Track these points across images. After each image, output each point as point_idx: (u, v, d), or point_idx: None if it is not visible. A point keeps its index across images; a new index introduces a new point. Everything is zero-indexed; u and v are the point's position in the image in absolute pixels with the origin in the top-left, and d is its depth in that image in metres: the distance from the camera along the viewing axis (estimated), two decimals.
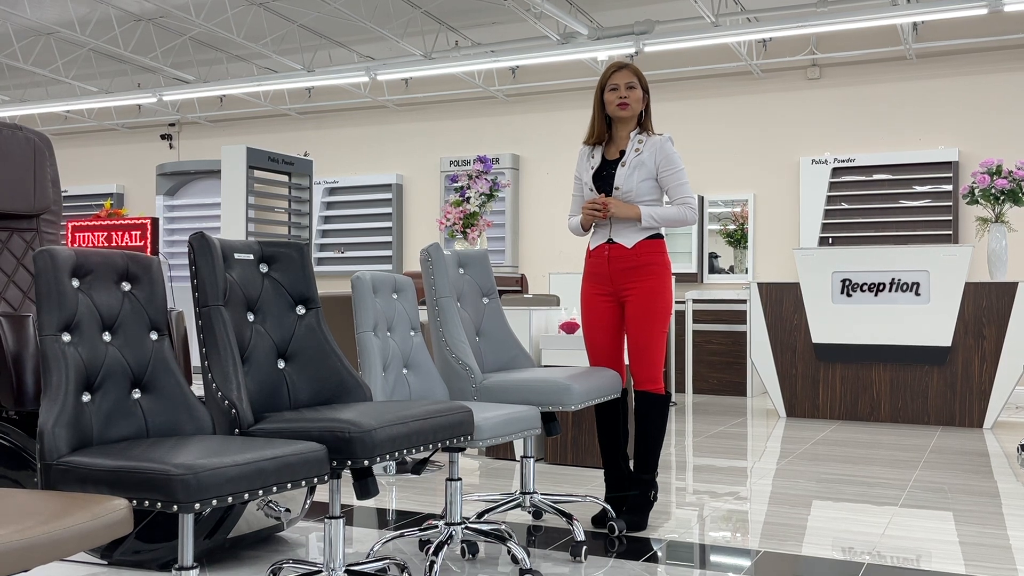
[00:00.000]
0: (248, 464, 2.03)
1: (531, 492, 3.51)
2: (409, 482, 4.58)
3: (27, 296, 3.48)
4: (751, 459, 5.24)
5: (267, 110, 11.96)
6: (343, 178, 11.58)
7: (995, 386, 6.48)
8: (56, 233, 3.67)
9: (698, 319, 8.86)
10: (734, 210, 9.85)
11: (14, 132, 3.51)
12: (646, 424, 3.61)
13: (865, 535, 3.56)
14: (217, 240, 2.66)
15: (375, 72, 9.66)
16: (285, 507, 3.34)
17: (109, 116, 12.78)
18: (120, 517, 1.75)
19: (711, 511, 3.95)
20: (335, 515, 2.56)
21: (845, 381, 6.90)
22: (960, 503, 4.13)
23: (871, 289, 6.79)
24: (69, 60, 11.00)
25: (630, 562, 3.19)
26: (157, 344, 2.44)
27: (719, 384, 8.76)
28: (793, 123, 9.63)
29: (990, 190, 6.66)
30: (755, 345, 7.17)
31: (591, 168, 3.71)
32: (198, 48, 10.62)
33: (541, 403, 3.31)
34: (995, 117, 8.91)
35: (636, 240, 3.62)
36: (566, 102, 10.65)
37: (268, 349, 2.73)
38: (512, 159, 10.71)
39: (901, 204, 9.10)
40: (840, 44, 9.32)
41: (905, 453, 5.44)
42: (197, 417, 2.43)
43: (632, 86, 3.64)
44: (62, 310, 2.25)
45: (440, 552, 2.87)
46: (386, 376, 3.12)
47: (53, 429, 2.12)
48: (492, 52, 9.26)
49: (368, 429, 2.33)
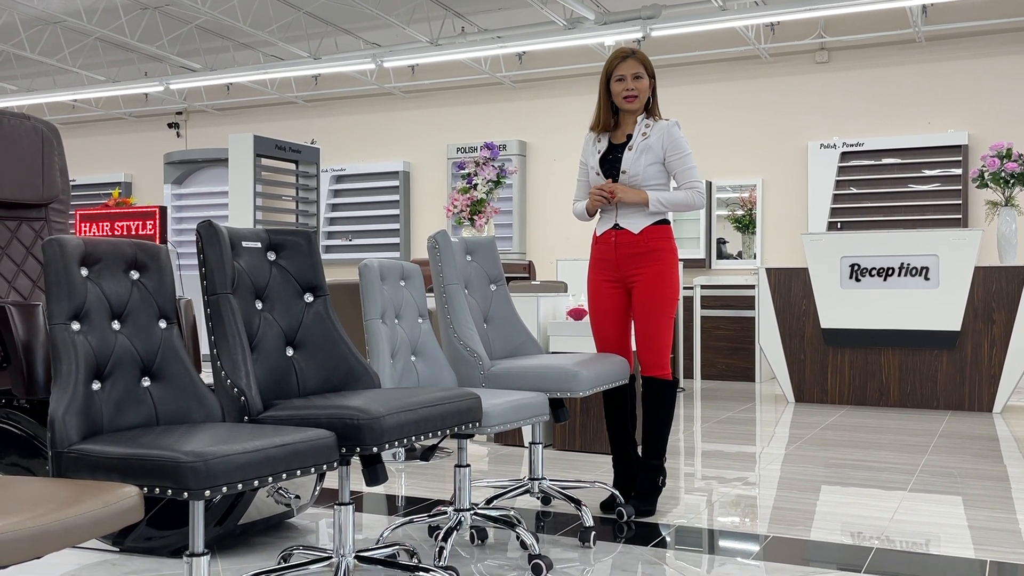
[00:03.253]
0: (258, 451, 2.04)
1: (540, 478, 3.52)
2: (418, 469, 4.59)
3: (37, 285, 3.49)
4: (759, 444, 5.24)
5: (274, 98, 11.95)
6: (350, 166, 11.58)
7: (1005, 370, 6.46)
8: (65, 222, 3.68)
9: (706, 305, 8.85)
10: (742, 195, 9.81)
11: (22, 121, 3.52)
12: (654, 410, 3.61)
13: (874, 520, 3.56)
14: (225, 228, 2.66)
15: (381, 59, 9.64)
16: (295, 494, 3.36)
17: (116, 105, 12.79)
18: (131, 504, 1.76)
19: (720, 496, 3.96)
20: (345, 501, 2.57)
21: (854, 366, 6.89)
22: (969, 487, 4.12)
23: (880, 274, 6.77)
24: (76, 49, 11.00)
25: (639, 547, 3.20)
26: (166, 332, 2.45)
27: (727, 370, 8.75)
28: (801, 107, 9.59)
29: (1000, 173, 6.62)
30: (763, 331, 7.16)
31: (598, 153, 3.69)
32: (204, 36, 10.61)
33: (549, 389, 3.31)
34: (1005, 100, 8.85)
35: (643, 226, 3.60)
36: (573, 88, 10.61)
37: (276, 337, 2.73)
38: (519, 145, 10.69)
39: (910, 188, 9.06)
40: (849, 27, 9.26)
41: (914, 438, 5.43)
42: (206, 405, 2.44)
43: (639, 76, 3.61)
44: (71, 299, 2.25)
45: (449, 538, 2.88)
46: (394, 363, 3.12)
47: (64, 417, 2.13)
48: (499, 38, 9.23)
49: (377, 416, 2.34)
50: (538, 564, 2.89)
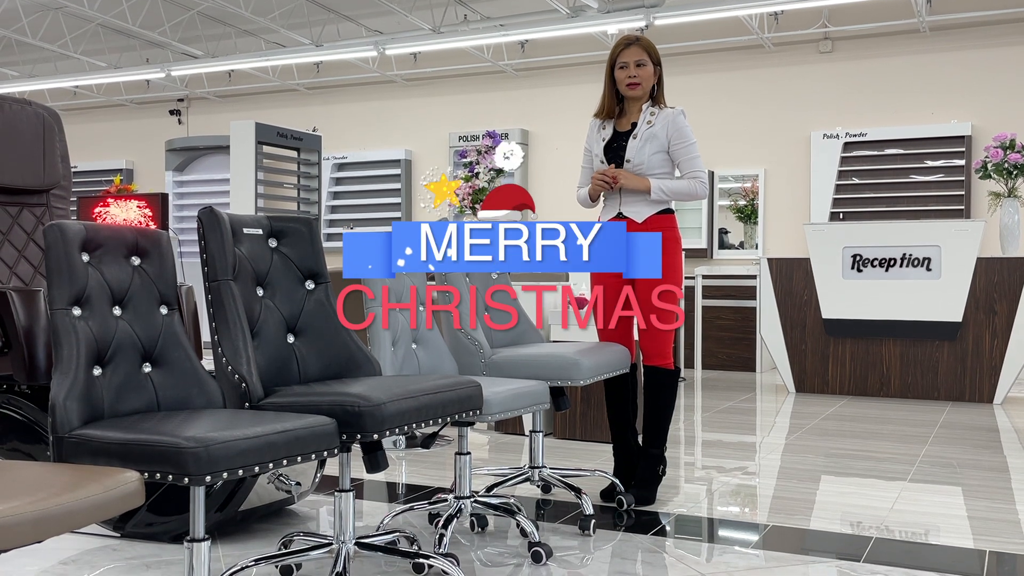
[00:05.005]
0: (258, 437, 2.04)
1: (540, 466, 3.52)
2: (418, 456, 4.60)
3: (38, 271, 3.49)
4: (760, 434, 5.25)
5: (276, 85, 11.92)
6: (352, 153, 11.56)
7: (1006, 361, 6.45)
8: (66, 208, 3.67)
9: (708, 295, 8.84)
10: (744, 185, 9.79)
11: (23, 107, 3.51)
12: (655, 399, 3.61)
13: (874, 509, 3.57)
14: (226, 215, 2.66)
15: (384, 47, 9.61)
16: (295, 480, 3.36)
17: (118, 91, 12.76)
18: (132, 489, 1.76)
19: (720, 486, 3.96)
20: (345, 488, 2.57)
21: (855, 356, 6.89)
22: (969, 478, 4.13)
23: (882, 264, 6.76)
24: (77, 35, 10.97)
25: (638, 536, 3.20)
26: (167, 318, 2.45)
27: (728, 360, 8.75)
28: (804, 97, 9.56)
29: (1003, 164, 6.61)
30: (765, 321, 7.16)
31: (602, 140, 3.68)
32: (206, 23, 10.57)
33: (550, 378, 3.31)
34: (1009, 91, 8.82)
35: (646, 215, 3.60)
36: (576, 76, 10.58)
37: (278, 324, 2.73)
38: (521, 134, 10.67)
39: (913, 179, 9.03)
40: (852, 17, 9.22)
41: (914, 428, 5.43)
42: (207, 391, 2.44)
43: (642, 63, 3.59)
44: (72, 284, 2.25)
45: (449, 525, 2.89)
46: (395, 351, 3.12)
47: (65, 402, 2.13)
48: (501, 26, 9.20)
49: (378, 403, 2.34)
50: (538, 552, 2.90)
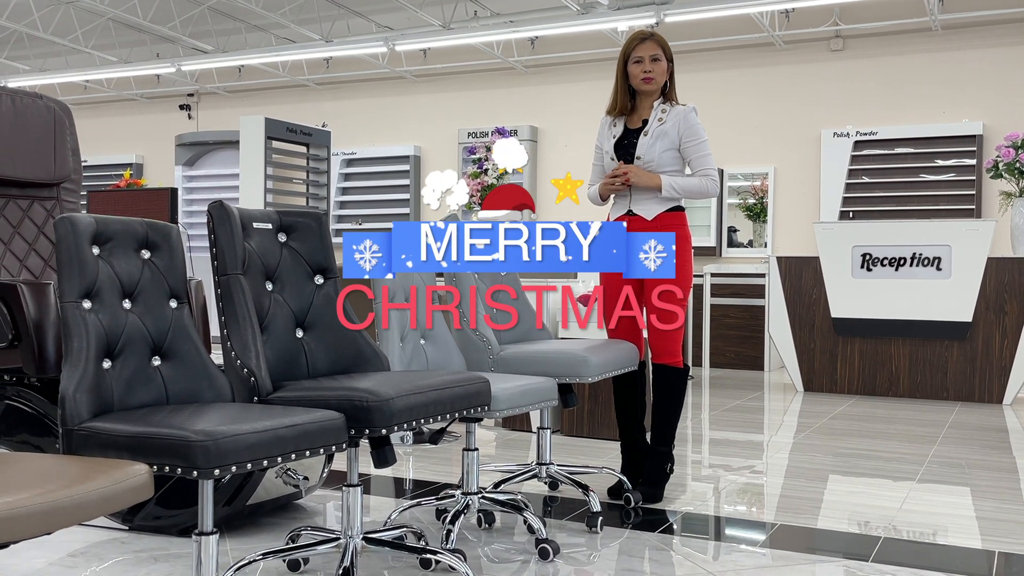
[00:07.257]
0: (267, 431, 2.05)
1: (547, 463, 3.52)
2: (426, 452, 4.60)
3: (48, 264, 3.50)
4: (768, 433, 5.24)
5: (285, 81, 11.93)
6: (361, 149, 11.56)
7: (1016, 362, 6.42)
8: (76, 202, 3.68)
9: (716, 293, 8.82)
10: (754, 183, 9.77)
11: (34, 101, 3.52)
12: (663, 397, 3.60)
13: (882, 509, 3.56)
14: (236, 209, 2.66)
15: (393, 42, 9.61)
16: (303, 475, 3.37)
17: (128, 86, 12.79)
18: (141, 482, 1.77)
19: (727, 484, 3.96)
20: (353, 483, 2.58)
21: (864, 356, 6.87)
22: (978, 479, 4.11)
23: (892, 264, 6.73)
24: (88, 29, 11.00)
25: (646, 533, 3.20)
26: (177, 312, 2.46)
27: (736, 358, 8.73)
28: (815, 95, 9.52)
29: (1015, 164, 6.57)
30: (773, 319, 7.14)
31: (613, 137, 3.67)
32: (216, 18, 10.59)
33: (558, 375, 3.31)
34: (1021, 90, 8.77)
35: (656, 212, 3.59)
36: (585, 73, 10.56)
37: (287, 318, 2.73)
38: (530, 131, 10.66)
39: (923, 178, 9.00)
40: (864, 15, 9.18)
41: (923, 428, 5.41)
42: (216, 385, 2.44)
43: (657, 58, 3.58)
44: (83, 277, 2.26)
45: (457, 521, 2.89)
46: (403, 346, 3.12)
47: (74, 395, 2.13)
48: (511, 22, 9.19)
49: (386, 398, 2.34)
50: (545, 548, 2.90)
